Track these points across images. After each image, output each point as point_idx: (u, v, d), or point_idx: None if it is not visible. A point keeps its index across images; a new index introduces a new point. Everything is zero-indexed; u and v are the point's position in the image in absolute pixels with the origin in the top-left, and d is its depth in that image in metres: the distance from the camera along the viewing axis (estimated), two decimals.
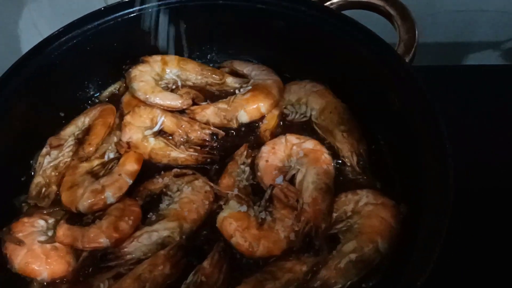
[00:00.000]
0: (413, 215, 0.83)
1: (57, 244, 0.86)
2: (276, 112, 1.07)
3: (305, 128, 1.05)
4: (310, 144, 0.98)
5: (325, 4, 1.05)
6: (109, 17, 1.05)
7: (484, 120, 1.28)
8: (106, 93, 1.13)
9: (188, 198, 0.92)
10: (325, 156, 0.96)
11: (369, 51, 0.95)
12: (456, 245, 0.82)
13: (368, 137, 0.99)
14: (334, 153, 0.99)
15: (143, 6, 1.07)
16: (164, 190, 0.95)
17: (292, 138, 0.99)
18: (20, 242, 0.85)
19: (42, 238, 0.87)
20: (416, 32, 0.98)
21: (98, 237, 0.85)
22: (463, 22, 1.57)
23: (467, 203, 0.91)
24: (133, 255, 0.85)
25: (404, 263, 0.71)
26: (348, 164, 0.97)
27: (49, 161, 0.97)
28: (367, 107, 1.01)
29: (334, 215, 0.90)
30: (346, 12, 1.03)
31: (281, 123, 1.06)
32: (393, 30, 1.01)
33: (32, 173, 0.98)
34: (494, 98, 1.34)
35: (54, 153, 0.98)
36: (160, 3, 1.07)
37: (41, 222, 0.89)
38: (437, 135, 0.78)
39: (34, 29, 1.69)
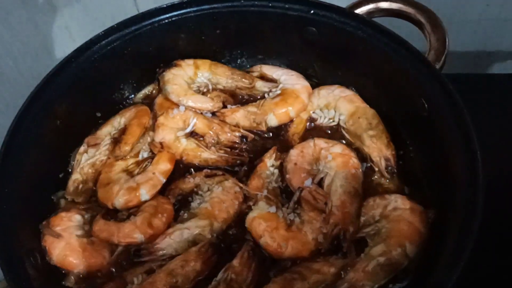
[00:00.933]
0: (441, 220, 0.83)
1: (93, 239, 0.90)
2: (304, 116, 1.09)
3: (333, 133, 1.07)
4: (338, 148, 0.99)
5: (356, 11, 1.06)
6: (146, 23, 1.09)
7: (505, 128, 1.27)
8: (140, 95, 1.16)
9: (219, 197, 0.94)
10: (354, 160, 0.98)
11: (399, 57, 0.96)
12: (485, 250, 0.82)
13: (397, 142, 1.00)
14: (362, 158, 1.00)
15: (178, 12, 1.10)
16: (195, 189, 0.98)
17: (321, 142, 1.01)
18: (58, 235, 0.88)
19: (79, 232, 0.91)
20: (447, 40, 0.99)
21: (133, 232, 0.88)
22: (489, 31, 1.56)
23: (496, 210, 0.91)
24: (165, 251, 0.88)
25: (432, 267, 0.72)
26: (376, 169, 0.98)
27: (87, 159, 1.01)
28: (396, 113, 1.02)
29: (362, 219, 0.91)
30: (376, 20, 1.05)
31: (310, 126, 1.08)
32: (420, 37, 1.02)
33: (70, 170, 1.03)
34: None
35: (91, 151, 1.02)
36: (193, 9, 1.10)
37: (78, 217, 0.93)
38: (467, 141, 0.79)
39: (67, 33, 1.75)
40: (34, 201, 0.94)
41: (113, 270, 0.88)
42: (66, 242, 0.88)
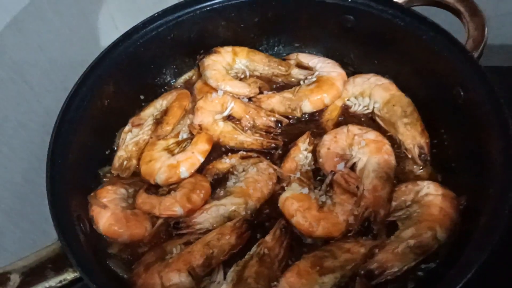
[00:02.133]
0: (473, 206, 0.84)
1: (136, 210, 0.96)
2: (339, 104, 1.11)
3: (367, 121, 1.08)
4: (372, 135, 1.01)
5: (395, 0, 1.07)
6: (188, 10, 1.13)
7: None
8: (181, 80, 1.22)
9: (253, 178, 0.98)
10: (387, 147, 0.99)
11: (437, 45, 0.97)
12: None
13: (431, 130, 1.01)
14: (396, 145, 1.01)
15: (219, 0, 1.14)
16: (231, 170, 1.03)
17: (354, 129, 1.03)
18: (104, 206, 0.95)
19: (123, 204, 0.97)
20: (486, 28, 0.98)
21: (173, 205, 0.93)
22: None
23: None
24: (202, 225, 0.93)
25: (462, 249, 0.73)
26: (410, 156, 0.99)
27: (131, 138, 1.07)
28: (431, 101, 1.02)
29: (394, 203, 0.93)
30: (415, 8, 1.05)
31: (345, 113, 1.10)
32: (459, 27, 1.02)
33: (115, 148, 1.09)
34: None
35: (135, 131, 1.08)
36: None
37: (123, 190, 0.99)
38: (503, 127, 0.79)
39: (111, 23, 1.83)
40: (83, 174, 1.00)
41: (153, 240, 0.94)
42: (112, 213, 0.94)
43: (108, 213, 0.94)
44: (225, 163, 1.03)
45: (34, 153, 1.33)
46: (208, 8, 1.15)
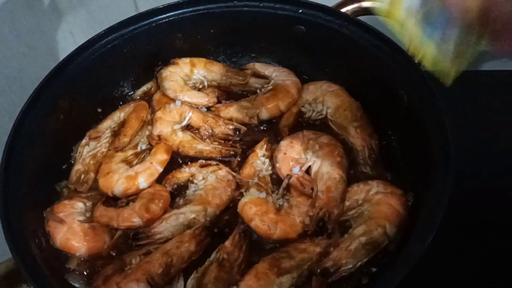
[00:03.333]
0: (419, 202, 0.89)
1: (94, 224, 0.96)
2: (294, 110, 1.15)
3: (321, 125, 1.13)
4: (325, 139, 1.05)
5: (341, 10, 1.13)
6: (144, 22, 1.15)
7: (499, 122, 1.33)
8: (139, 91, 1.22)
9: (212, 185, 1.00)
10: (339, 149, 1.03)
11: (382, 53, 1.02)
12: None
13: (380, 132, 1.06)
14: (348, 148, 1.06)
15: (174, 12, 1.17)
16: (190, 178, 1.04)
17: (309, 133, 1.07)
18: (61, 221, 0.94)
19: (81, 218, 0.97)
20: None
21: (131, 216, 0.94)
22: None
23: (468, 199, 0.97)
24: (162, 235, 0.93)
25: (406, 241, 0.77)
26: (361, 157, 1.04)
27: (88, 151, 1.07)
28: (379, 105, 1.07)
29: (347, 203, 0.97)
30: (361, 18, 1.11)
31: (299, 120, 1.14)
32: None
33: (72, 161, 1.09)
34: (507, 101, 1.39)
35: (92, 144, 1.08)
36: (189, 9, 1.17)
37: (80, 204, 0.99)
38: (441, 127, 0.84)
39: (71, 38, 1.83)
40: (39, 189, 0.99)
41: (113, 253, 0.94)
42: (69, 227, 0.93)
43: (65, 227, 0.93)
44: (185, 172, 1.05)
45: None
46: (164, 21, 1.17)
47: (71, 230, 0.93)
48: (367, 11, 1.13)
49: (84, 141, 1.09)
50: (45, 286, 0.76)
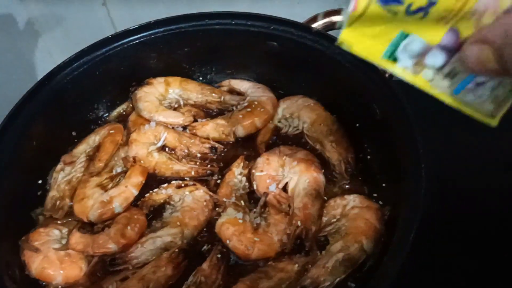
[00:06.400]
0: (395, 216, 0.89)
1: (70, 251, 0.94)
2: (270, 126, 1.15)
3: (298, 140, 1.13)
4: (301, 154, 1.05)
5: (313, 26, 1.13)
6: (116, 44, 1.15)
7: (476, 127, 1.34)
8: (114, 113, 1.22)
9: (189, 206, 0.99)
10: (316, 165, 1.03)
11: (353, 67, 1.03)
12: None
13: (356, 145, 1.06)
14: (324, 162, 1.06)
15: (147, 33, 1.16)
16: (167, 200, 1.03)
17: (285, 149, 1.07)
18: (36, 250, 0.93)
19: (57, 245, 0.95)
20: None
21: (106, 243, 0.93)
22: None
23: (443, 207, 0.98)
24: (139, 259, 0.92)
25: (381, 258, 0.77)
26: (337, 171, 1.04)
27: (63, 177, 1.05)
28: (354, 118, 1.08)
29: (324, 219, 0.97)
30: (332, 32, 1.12)
31: (276, 136, 1.14)
32: None
33: (47, 187, 1.07)
34: None
35: (67, 169, 1.07)
36: (161, 29, 1.17)
37: (56, 232, 0.98)
38: (412, 140, 0.85)
39: (49, 58, 1.81)
40: (14, 218, 0.98)
41: (90, 280, 0.92)
42: (44, 256, 0.92)
43: (41, 256, 0.92)
44: (161, 193, 1.04)
45: None
46: (136, 42, 1.17)
47: (47, 258, 0.92)
48: (338, 25, 1.14)
49: (59, 167, 1.08)
50: None
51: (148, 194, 1.04)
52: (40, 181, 1.08)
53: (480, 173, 1.20)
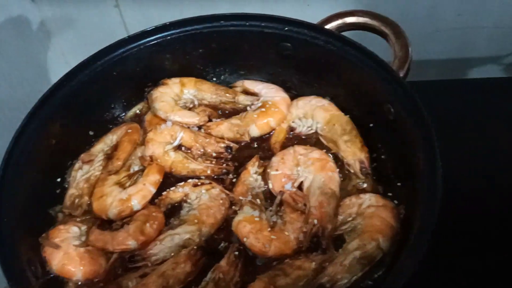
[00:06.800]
0: (410, 214, 0.90)
1: (89, 248, 0.96)
2: (284, 126, 1.16)
3: (312, 140, 1.14)
4: (316, 153, 1.07)
5: (326, 27, 1.15)
6: (133, 45, 1.16)
7: (483, 129, 1.36)
8: (130, 113, 1.23)
9: (206, 204, 1.01)
10: (330, 164, 1.05)
11: (366, 67, 1.04)
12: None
13: (370, 145, 1.07)
14: (338, 162, 1.07)
15: (162, 34, 1.18)
16: (184, 198, 1.05)
17: (300, 149, 1.08)
18: (57, 246, 0.94)
19: (76, 242, 0.97)
20: (410, 48, 1.07)
21: (126, 240, 0.94)
22: (462, 39, 1.66)
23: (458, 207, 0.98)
24: (158, 256, 0.94)
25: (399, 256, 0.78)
26: (352, 171, 1.05)
27: (82, 175, 1.07)
28: (367, 118, 1.09)
29: (340, 217, 0.98)
30: (345, 33, 1.13)
31: (290, 135, 1.15)
32: (387, 48, 1.11)
33: (66, 186, 1.09)
34: (494, 108, 1.42)
35: (85, 167, 1.09)
36: (176, 30, 1.19)
37: (75, 229, 0.99)
38: (427, 139, 0.86)
39: (61, 59, 1.84)
40: (34, 215, 1.00)
41: (109, 276, 0.94)
42: (64, 252, 0.93)
43: (61, 253, 0.94)
44: (178, 192, 1.05)
45: None
46: (152, 43, 1.18)
47: (67, 255, 0.94)
48: (352, 26, 1.15)
49: (77, 165, 1.10)
50: None
51: (165, 193, 1.05)
52: (58, 179, 1.10)
53: (484, 172, 1.21)
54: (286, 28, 1.14)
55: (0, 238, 0.85)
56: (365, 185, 1.03)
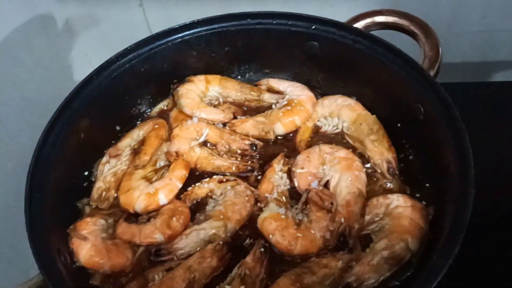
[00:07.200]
0: (439, 216, 0.89)
1: (116, 240, 0.97)
2: (310, 125, 1.16)
3: (337, 139, 1.14)
4: (342, 152, 1.06)
5: (354, 25, 1.14)
6: (160, 42, 1.18)
7: (508, 132, 1.34)
8: (156, 109, 1.25)
9: (231, 201, 1.01)
10: (357, 163, 1.04)
11: (396, 66, 1.03)
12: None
13: (397, 146, 1.06)
14: (365, 162, 1.06)
15: (189, 32, 1.19)
16: (209, 194, 1.05)
17: (326, 148, 1.08)
18: (84, 238, 0.95)
19: (103, 235, 0.98)
20: (440, 48, 1.06)
21: (153, 233, 0.95)
22: (486, 42, 1.63)
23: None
24: (183, 251, 0.94)
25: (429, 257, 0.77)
26: (379, 171, 1.04)
27: (109, 169, 1.08)
28: (395, 118, 1.08)
29: (367, 217, 0.97)
30: (374, 33, 1.13)
31: (316, 133, 1.15)
32: (416, 48, 1.10)
33: (93, 179, 1.10)
34: None
35: (113, 161, 1.10)
36: (203, 28, 1.20)
37: (102, 221, 1.00)
38: (459, 139, 0.85)
39: (84, 58, 1.87)
40: (62, 208, 1.01)
41: (135, 269, 0.94)
42: (92, 244, 0.94)
43: (88, 244, 0.95)
44: (204, 187, 1.06)
45: (11, 192, 1.32)
46: (179, 40, 1.19)
47: (94, 247, 0.94)
48: (381, 26, 1.15)
49: (104, 159, 1.11)
50: None
51: (190, 188, 1.06)
52: (85, 173, 1.11)
53: (509, 175, 1.19)
54: (314, 27, 1.14)
55: (31, 229, 0.87)
56: (392, 186, 1.02)
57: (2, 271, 1.33)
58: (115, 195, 1.06)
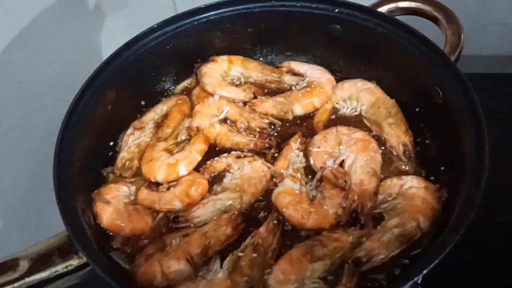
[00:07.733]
0: (452, 198, 0.90)
1: (138, 206, 1.01)
2: (328, 107, 1.18)
3: (354, 122, 1.15)
4: (359, 134, 1.08)
5: (378, 10, 1.15)
6: (186, 21, 1.21)
7: None
8: (179, 86, 1.29)
9: (248, 175, 1.04)
10: (373, 145, 1.05)
11: (418, 50, 1.04)
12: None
13: (415, 130, 1.07)
14: (381, 144, 1.07)
15: (214, 12, 1.22)
16: (227, 168, 1.08)
17: (343, 129, 1.09)
18: (107, 202, 1.00)
19: (126, 200, 1.03)
20: (462, 34, 1.06)
21: (172, 200, 0.99)
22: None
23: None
24: (200, 219, 0.98)
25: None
26: (395, 153, 1.05)
27: (133, 140, 1.13)
28: (414, 102, 1.09)
29: (380, 197, 0.98)
30: (398, 18, 1.13)
31: (334, 115, 1.17)
32: (438, 33, 1.10)
33: (118, 149, 1.15)
34: None
35: (137, 133, 1.15)
36: (228, 9, 1.22)
37: (125, 188, 1.05)
38: (477, 123, 0.86)
39: (112, 39, 1.92)
40: (88, 173, 1.06)
41: (154, 234, 0.99)
42: (114, 208, 0.99)
43: (111, 208, 0.99)
44: (222, 162, 1.09)
45: (39, 160, 1.38)
46: (204, 20, 1.23)
47: (117, 211, 0.99)
48: (404, 11, 1.15)
49: (129, 131, 1.16)
50: (95, 256, 0.82)
51: (209, 162, 1.09)
52: (111, 143, 1.16)
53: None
54: (337, 10, 1.15)
55: (59, 189, 0.91)
56: (407, 168, 1.04)
57: (33, 227, 1.38)
58: (138, 164, 1.10)
